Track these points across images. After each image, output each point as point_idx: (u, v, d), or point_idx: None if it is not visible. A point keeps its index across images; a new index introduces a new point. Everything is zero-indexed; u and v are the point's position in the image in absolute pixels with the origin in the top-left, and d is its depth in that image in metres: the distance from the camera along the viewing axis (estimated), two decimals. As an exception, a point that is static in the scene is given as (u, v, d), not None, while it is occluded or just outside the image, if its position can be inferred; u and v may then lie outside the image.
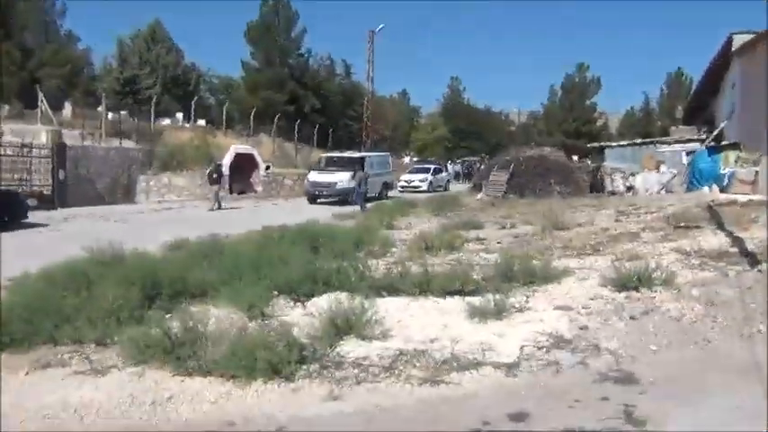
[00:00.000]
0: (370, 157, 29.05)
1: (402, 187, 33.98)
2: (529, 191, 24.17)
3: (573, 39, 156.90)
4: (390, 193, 29.23)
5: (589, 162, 33.53)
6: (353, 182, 24.09)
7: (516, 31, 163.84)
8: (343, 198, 24.47)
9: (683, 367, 5.27)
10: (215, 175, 23.53)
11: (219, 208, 22.61)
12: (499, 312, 6.39)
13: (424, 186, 34.41)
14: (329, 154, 30.34)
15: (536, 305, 6.86)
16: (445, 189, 35.08)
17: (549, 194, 23.37)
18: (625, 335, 5.91)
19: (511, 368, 5.27)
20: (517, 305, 6.78)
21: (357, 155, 28.45)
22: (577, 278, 7.95)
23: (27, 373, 5.47)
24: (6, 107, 31.59)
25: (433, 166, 38.76)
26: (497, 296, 6.63)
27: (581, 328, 6.08)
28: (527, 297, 7.15)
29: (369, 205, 21.79)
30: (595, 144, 35.86)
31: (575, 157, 39.70)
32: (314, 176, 26.40)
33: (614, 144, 32.47)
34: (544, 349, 5.62)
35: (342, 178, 25.23)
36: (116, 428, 4.51)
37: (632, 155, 27.52)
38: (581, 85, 72.04)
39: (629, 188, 24.60)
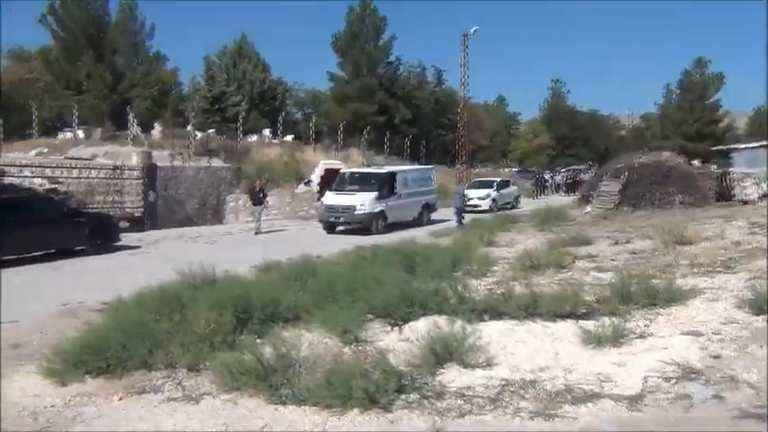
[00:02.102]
0: (403, 172, 24.66)
1: None
2: (645, 202, 23.26)
3: (688, 33, 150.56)
4: (435, 216, 25.05)
5: (714, 167, 31.94)
6: (378, 205, 21.25)
7: (625, 26, 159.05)
8: (365, 226, 20.79)
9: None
10: (261, 195, 22.14)
11: (257, 233, 21.22)
12: (617, 338, 6.13)
13: (485, 204, 29.64)
14: (350, 169, 25.59)
15: (659, 330, 6.53)
16: (513, 207, 31.36)
17: (669, 205, 22.40)
18: (766, 365, 5.51)
19: (634, 401, 5.03)
20: (637, 330, 6.48)
21: (384, 170, 23.90)
22: (706, 299, 7.53)
23: (121, 399, 5.75)
24: (99, 130, 33.78)
25: (498, 180, 34.62)
26: (614, 320, 6.37)
27: (713, 357, 5.73)
28: (648, 321, 6.83)
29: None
30: (720, 147, 34.14)
31: (695, 162, 37.95)
32: (329, 199, 22.23)
33: (743, 146, 30.77)
34: (672, 381, 5.33)
35: (363, 201, 21.11)
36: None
37: (765, 158, 25.94)
38: (701, 82, 68.87)
39: (764, 196, 23.17)
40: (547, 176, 50.04)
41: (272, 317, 7.38)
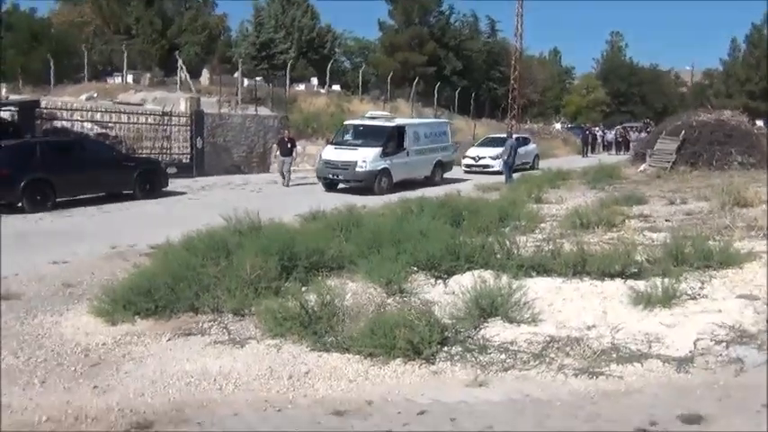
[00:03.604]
0: (414, 125, 22.34)
1: (467, 166, 26.70)
2: (703, 162, 22.55)
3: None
4: (448, 175, 23.09)
5: (778, 128, 30.67)
6: (382, 162, 19.28)
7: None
8: (366, 185, 18.85)
9: None
10: (289, 145, 21.02)
11: (287, 185, 20.39)
12: (668, 299, 6.02)
13: (497, 165, 25.91)
14: (353, 121, 22.79)
15: (713, 293, 6.38)
16: (532, 168, 27.68)
17: (729, 166, 21.70)
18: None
19: (683, 363, 4.97)
20: (690, 292, 6.34)
21: (391, 123, 21.36)
22: (764, 263, 7.31)
23: (169, 340, 5.95)
24: (148, 75, 34.22)
25: (513, 137, 29.01)
26: (666, 281, 6.25)
27: (769, 322, 5.60)
28: (702, 283, 6.67)
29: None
30: (788, 107, 32.69)
31: (759, 123, 36.53)
32: (328, 153, 20.09)
33: (812, 106, 29.41)
34: (723, 344, 5.24)
35: (365, 157, 19.02)
36: (254, 400, 4.77)
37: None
38: (771, 37, 65.77)
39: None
40: (598, 133, 48.81)
41: (316, 265, 7.48)
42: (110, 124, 22.56)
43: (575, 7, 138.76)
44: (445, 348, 5.37)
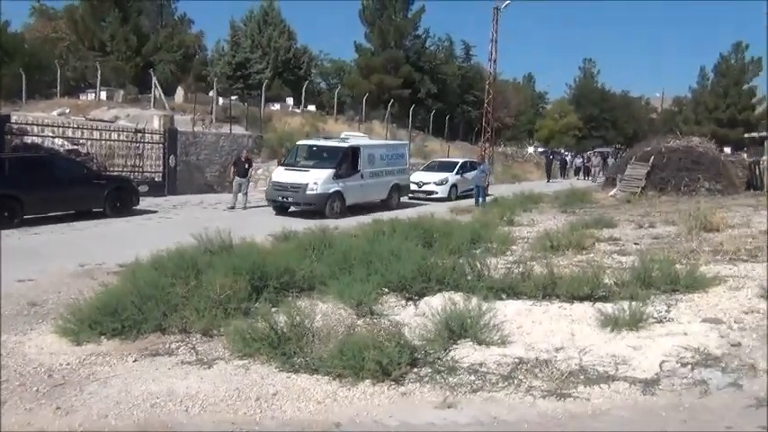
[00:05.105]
0: (369, 147, 21.19)
1: (411, 191, 24.10)
2: (671, 187, 22.97)
3: (727, 14, 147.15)
4: (404, 199, 22.41)
5: (745, 156, 31.41)
6: (334, 184, 18.49)
7: (661, 4, 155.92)
8: (317, 208, 18.03)
9: None
10: (246, 165, 20.23)
11: (245, 207, 19.58)
12: (635, 322, 6.10)
13: (442, 192, 25.13)
14: (305, 141, 21.97)
15: (679, 316, 6.48)
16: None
17: (696, 192, 22.13)
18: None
19: (649, 385, 5.03)
20: (656, 315, 6.43)
21: (345, 144, 20.16)
22: (729, 287, 7.44)
23: (135, 360, 5.86)
24: (121, 92, 33.96)
25: (460, 161, 28.53)
26: (633, 304, 6.33)
27: (733, 345, 5.68)
28: (668, 306, 6.77)
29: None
30: (754, 134, 33.55)
31: (726, 150, 37.36)
32: (278, 175, 19.19)
33: (777, 134, 30.20)
34: (689, 366, 5.31)
35: (316, 179, 18.21)
36: (221, 422, 4.71)
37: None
38: (738, 67, 67.45)
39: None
40: (567, 158, 49.39)
41: (287, 286, 7.46)
42: (81, 141, 22.30)
43: (549, 34, 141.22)
44: (414, 370, 5.37)
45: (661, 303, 6.84)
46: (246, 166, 20.24)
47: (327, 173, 18.47)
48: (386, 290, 7.44)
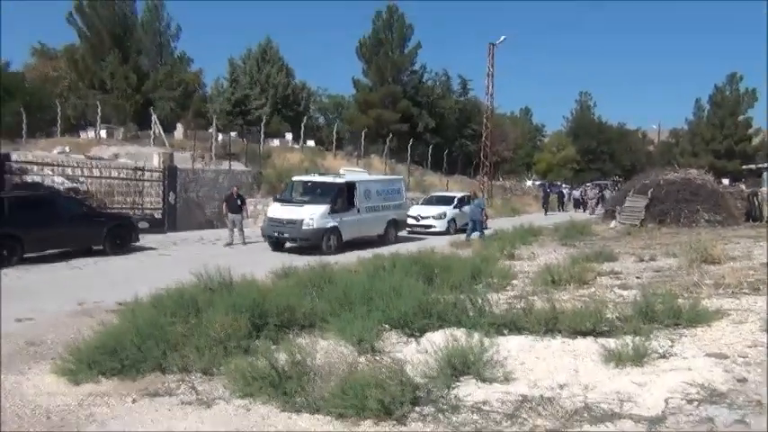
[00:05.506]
0: (365, 182, 21.30)
1: (409, 226, 24.48)
2: (671, 219, 23.02)
3: (721, 44, 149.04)
4: (402, 233, 22.56)
5: (743, 187, 31.55)
6: (330, 220, 18.55)
7: (655, 37, 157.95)
8: (313, 243, 18.09)
9: None
10: (239, 202, 20.27)
11: (244, 243, 19.72)
12: (639, 357, 6.04)
13: (440, 226, 25.30)
14: (301, 177, 21.94)
15: (683, 351, 6.43)
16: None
17: (696, 223, 22.16)
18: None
19: (654, 423, 4.96)
20: (660, 350, 6.38)
21: (340, 180, 20.18)
22: (732, 321, 7.41)
23: (134, 401, 5.79)
24: (122, 129, 34.19)
25: (459, 195, 28.52)
26: (636, 339, 6.29)
27: (739, 381, 5.63)
28: (672, 341, 6.73)
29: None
30: (751, 166, 33.69)
31: (725, 181, 37.51)
32: (274, 210, 19.37)
33: (774, 165, 30.32)
34: (695, 403, 5.24)
35: (312, 214, 18.26)
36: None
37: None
38: (733, 98, 68.13)
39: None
40: (565, 190, 49.58)
41: (287, 323, 7.42)
42: (81, 179, 22.40)
43: (546, 68, 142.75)
44: (417, 408, 5.30)
45: (664, 338, 6.78)
46: (239, 202, 20.24)
47: (323, 208, 18.56)
48: (387, 326, 7.38)
